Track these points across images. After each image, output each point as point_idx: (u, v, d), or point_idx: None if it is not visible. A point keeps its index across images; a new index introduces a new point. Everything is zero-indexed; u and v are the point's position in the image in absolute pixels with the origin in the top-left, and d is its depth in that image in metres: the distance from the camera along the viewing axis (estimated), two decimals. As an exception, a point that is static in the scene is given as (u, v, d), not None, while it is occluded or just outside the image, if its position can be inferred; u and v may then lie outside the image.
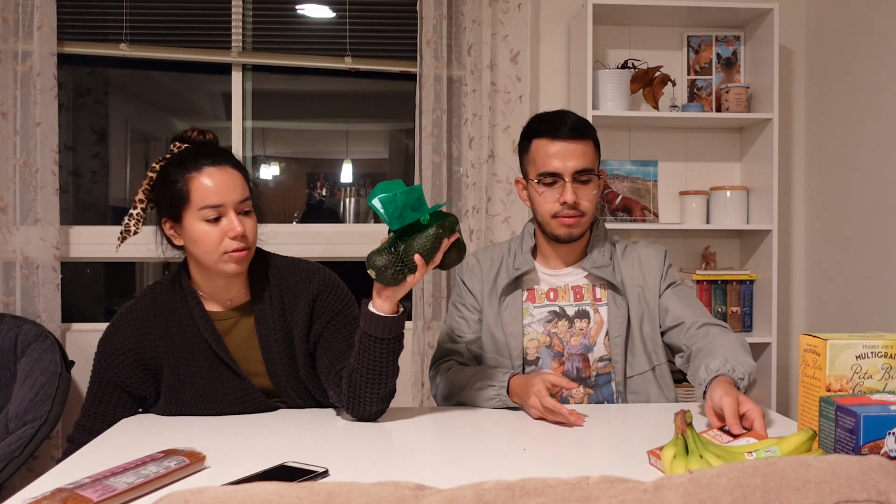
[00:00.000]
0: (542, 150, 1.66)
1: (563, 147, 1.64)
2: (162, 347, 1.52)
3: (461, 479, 0.74)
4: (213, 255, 1.44)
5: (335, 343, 1.53)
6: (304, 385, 1.56)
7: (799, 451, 1.08)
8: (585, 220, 1.67)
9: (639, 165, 2.94)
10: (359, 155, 3.21)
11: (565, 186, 1.63)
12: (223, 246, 1.43)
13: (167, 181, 1.46)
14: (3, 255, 2.59)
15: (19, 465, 2.15)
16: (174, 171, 1.45)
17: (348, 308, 1.57)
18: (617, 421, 1.48)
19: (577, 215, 1.65)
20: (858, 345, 1.14)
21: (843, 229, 2.77)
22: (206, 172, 1.43)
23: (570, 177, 1.63)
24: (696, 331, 1.60)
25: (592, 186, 1.66)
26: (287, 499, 0.56)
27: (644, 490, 0.58)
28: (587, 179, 1.65)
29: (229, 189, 1.44)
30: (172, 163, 1.47)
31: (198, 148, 1.50)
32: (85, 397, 1.56)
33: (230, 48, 2.82)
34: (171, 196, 1.45)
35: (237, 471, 1.14)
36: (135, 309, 1.56)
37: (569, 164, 1.63)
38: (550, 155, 1.65)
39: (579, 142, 1.65)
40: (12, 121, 2.58)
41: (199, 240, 1.44)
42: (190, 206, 1.43)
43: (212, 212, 1.42)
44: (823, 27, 2.90)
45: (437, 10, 2.72)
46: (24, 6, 2.58)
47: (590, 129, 1.70)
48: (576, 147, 1.65)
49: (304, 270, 1.58)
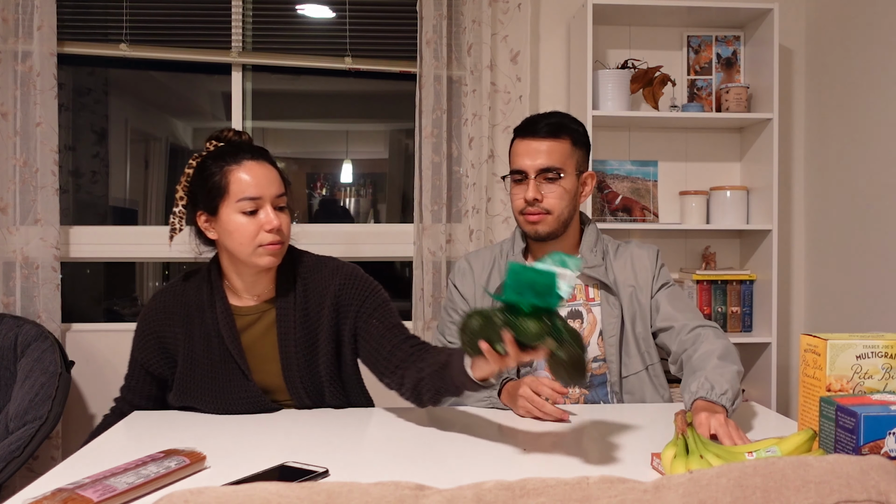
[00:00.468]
0: (515, 148, 1.71)
1: (532, 145, 1.67)
2: (180, 335, 1.54)
3: (461, 479, 0.74)
4: (248, 248, 1.46)
5: (372, 329, 1.54)
6: (318, 385, 1.56)
7: (799, 451, 1.08)
8: (552, 218, 1.67)
9: (639, 165, 2.94)
10: (359, 155, 3.21)
11: (529, 183, 1.66)
12: (259, 238, 1.45)
13: (205, 174, 1.48)
14: (3, 255, 2.59)
15: (19, 465, 2.15)
16: (213, 164, 1.48)
17: (375, 294, 1.58)
18: (617, 421, 1.48)
19: (541, 212, 1.66)
20: (859, 345, 1.14)
21: (843, 229, 2.77)
22: (245, 166, 1.46)
23: (534, 173, 1.66)
24: (687, 335, 1.60)
25: (558, 186, 1.67)
26: (287, 499, 0.56)
27: (644, 490, 0.58)
28: (553, 177, 1.66)
29: (268, 182, 1.46)
30: (211, 157, 1.50)
31: (237, 143, 1.53)
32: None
33: (230, 48, 2.83)
34: (210, 188, 1.47)
35: (237, 471, 1.14)
36: (165, 293, 1.59)
37: (536, 161, 1.66)
38: (520, 153, 1.69)
39: (550, 140, 1.66)
40: (12, 121, 2.58)
41: (235, 231, 1.46)
42: (228, 198, 1.45)
43: (249, 204, 1.44)
44: (823, 27, 2.90)
45: (437, 10, 2.72)
46: (24, 6, 2.58)
47: (568, 128, 1.70)
48: (545, 145, 1.66)
49: (329, 268, 1.59)
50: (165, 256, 2.89)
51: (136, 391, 1.63)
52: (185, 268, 3.05)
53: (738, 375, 1.46)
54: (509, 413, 1.53)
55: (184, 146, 3.15)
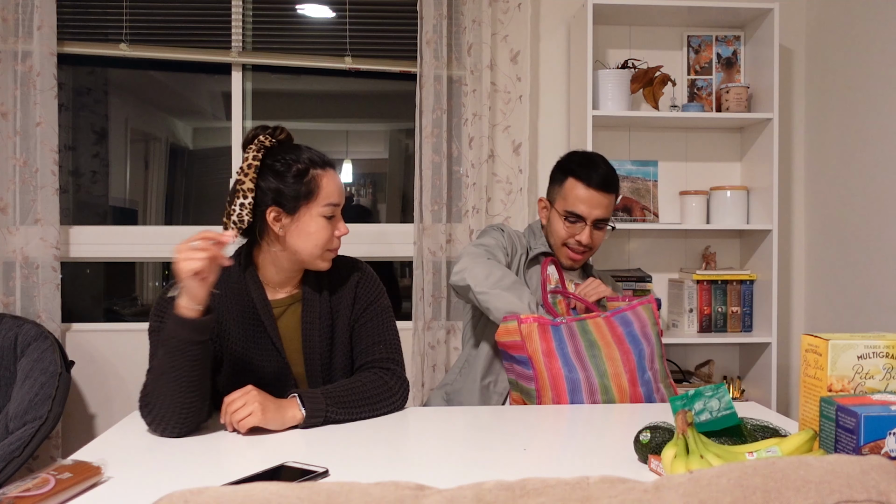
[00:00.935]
0: (574, 192, 1.96)
1: (592, 196, 1.94)
2: (224, 315, 1.53)
3: (461, 479, 0.74)
4: (319, 250, 1.53)
5: (364, 335, 1.61)
6: (333, 377, 1.60)
7: (799, 451, 1.07)
8: (589, 254, 2.01)
9: (639, 165, 2.94)
10: (359, 155, 3.21)
11: (585, 229, 1.95)
12: (330, 243, 1.55)
13: (291, 172, 1.50)
14: (3, 255, 2.59)
15: (19, 465, 2.15)
16: (301, 164, 1.51)
17: (381, 298, 1.66)
18: (616, 421, 1.48)
19: (584, 251, 1.98)
20: (860, 345, 1.14)
21: (843, 229, 2.77)
22: (330, 173, 1.55)
23: (591, 222, 1.94)
24: None
25: (605, 231, 2.01)
26: (287, 499, 0.56)
27: (644, 490, 0.58)
28: (602, 226, 1.98)
29: (343, 192, 1.58)
30: (291, 157, 1.51)
31: (312, 150, 1.57)
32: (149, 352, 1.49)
33: (230, 48, 2.82)
34: (297, 188, 1.50)
35: (237, 471, 1.14)
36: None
37: (594, 212, 1.94)
38: (581, 199, 1.95)
39: (607, 195, 1.95)
40: (12, 121, 2.58)
41: (315, 233, 1.52)
42: (316, 200, 1.51)
43: (331, 209, 1.53)
44: (823, 27, 2.90)
45: (437, 10, 2.72)
46: (24, 6, 2.58)
47: (617, 183, 1.99)
48: (602, 198, 1.94)
49: (347, 264, 1.67)
50: (165, 256, 2.89)
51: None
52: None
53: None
54: (509, 413, 1.53)
55: (184, 146, 3.14)
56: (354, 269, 1.65)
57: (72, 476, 1.04)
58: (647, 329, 1.72)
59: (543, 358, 1.62)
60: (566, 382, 1.62)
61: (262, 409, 1.35)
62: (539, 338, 1.63)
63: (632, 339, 1.69)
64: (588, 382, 1.63)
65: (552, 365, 1.62)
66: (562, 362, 1.63)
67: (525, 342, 1.62)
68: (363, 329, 1.61)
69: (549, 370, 1.62)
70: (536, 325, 1.63)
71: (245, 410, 1.34)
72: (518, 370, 1.68)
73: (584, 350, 1.66)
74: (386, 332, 1.62)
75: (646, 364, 1.69)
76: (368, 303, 1.62)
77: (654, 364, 1.71)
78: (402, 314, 3.01)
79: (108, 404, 2.76)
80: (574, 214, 1.95)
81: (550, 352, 1.63)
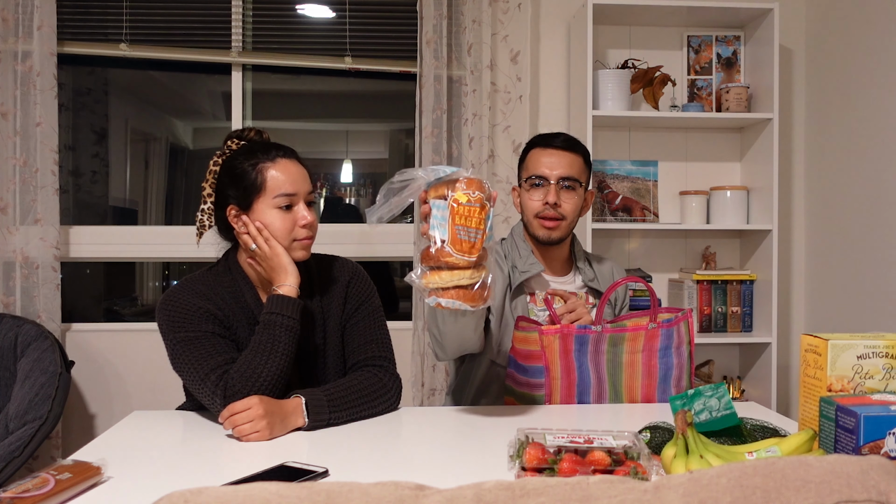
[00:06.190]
0: (535, 157, 1.86)
1: (552, 154, 1.83)
2: (228, 314, 1.53)
3: (461, 479, 0.74)
4: (283, 242, 1.50)
5: (357, 334, 1.61)
6: (325, 377, 1.59)
7: (799, 451, 1.07)
8: (565, 224, 1.83)
9: (639, 165, 2.94)
10: (359, 155, 3.21)
11: (550, 188, 1.80)
12: (294, 233, 1.51)
13: (237, 171, 1.51)
14: (3, 255, 2.59)
15: (19, 465, 2.15)
16: (245, 161, 1.51)
17: (373, 298, 1.66)
18: (617, 421, 1.48)
19: (557, 217, 1.81)
20: (860, 345, 1.14)
21: (843, 229, 2.77)
22: (280, 163, 1.51)
23: (555, 180, 1.81)
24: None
25: (575, 195, 1.83)
26: (287, 499, 0.56)
27: (644, 490, 0.58)
28: (571, 186, 1.82)
29: (302, 180, 1.53)
30: (241, 155, 1.53)
31: (264, 142, 1.57)
32: (190, 362, 1.43)
33: (230, 48, 2.83)
34: (244, 185, 1.50)
35: (237, 471, 1.14)
36: (194, 281, 1.54)
37: (556, 170, 1.81)
38: (541, 161, 1.84)
39: (568, 153, 1.83)
40: (12, 121, 2.58)
41: (270, 226, 1.50)
42: (264, 194, 1.49)
43: (285, 200, 1.50)
44: (823, 27, 2.90)
45: (437, 10, 2.72)
46: (24, 6, 2.58)
47: (581, 146, 1.87)
48: (564, 156, 1.83)
49: (338, 263, 1.68)
50: (165, 256, 2.89)
51: (226, 353, 1.46)
52: (184, 268, 3.05)
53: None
54: (509, 413, 1.53)
55: (184, 146, 3.15)
56: (345, 268, 1.66)
57: (72, 476, 1.04)
58: (682, 347, 1.70)
59: (560, 365, 1.61)
60: (577, 388, 1.63)
61: (269, 429, 1.33)
62: (559, 348, 1.61)
63: (664, 354, 1.67)
64: (599, 388, 1.64)
65: (569, 373, 1.62)
66: (577, 372, 1.63)
67: (545, 352, 1.61)
68: (355, 328, 1.61)
69: (565, 378, 1.62)
70: (558, 337, 1.61)
71: (251, 427, 1.33)
72: (521, 379, 1.67)
73: (604, 365, 1.65)
74: (378, 330, 1.63)
75: (671, 382, 1.67)
76: (360, 302, 1.63)
77: (680, 382, 1.69)
78: (402, 314, 3.01)
79: (108, 404, 2.77)
80: (537, 176, 1.81)
81: (569, 366, 1.62)
